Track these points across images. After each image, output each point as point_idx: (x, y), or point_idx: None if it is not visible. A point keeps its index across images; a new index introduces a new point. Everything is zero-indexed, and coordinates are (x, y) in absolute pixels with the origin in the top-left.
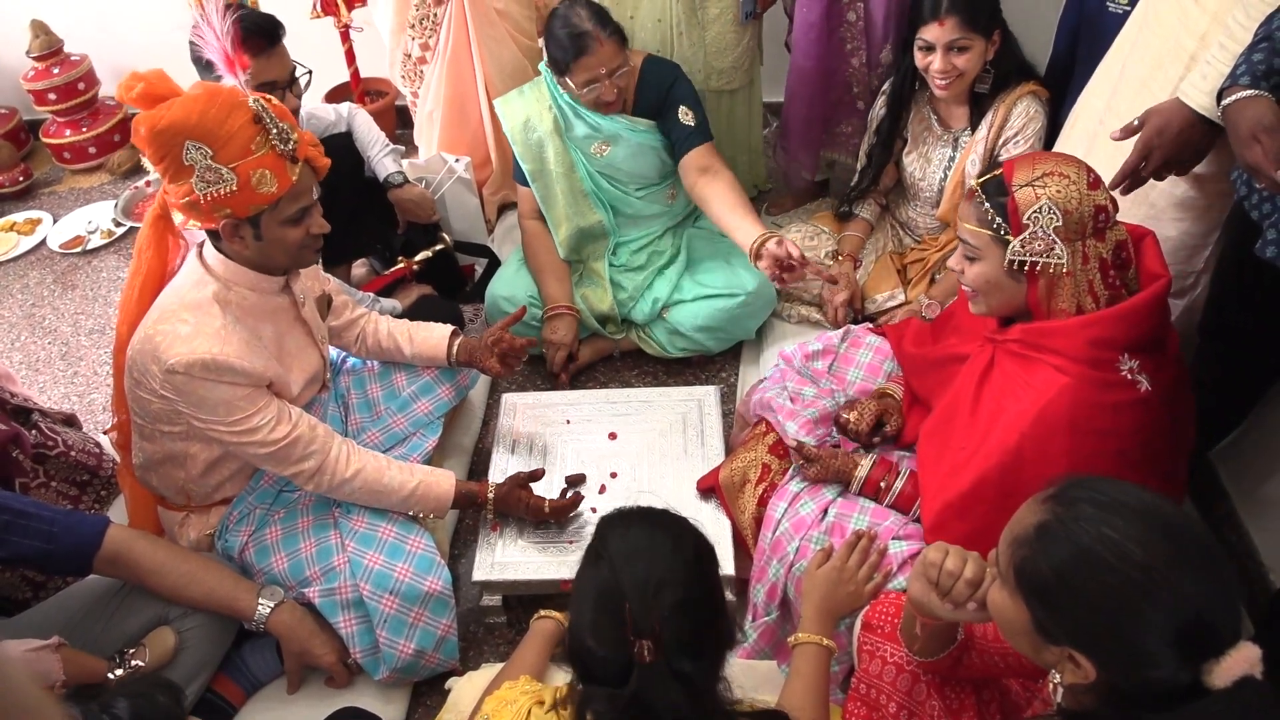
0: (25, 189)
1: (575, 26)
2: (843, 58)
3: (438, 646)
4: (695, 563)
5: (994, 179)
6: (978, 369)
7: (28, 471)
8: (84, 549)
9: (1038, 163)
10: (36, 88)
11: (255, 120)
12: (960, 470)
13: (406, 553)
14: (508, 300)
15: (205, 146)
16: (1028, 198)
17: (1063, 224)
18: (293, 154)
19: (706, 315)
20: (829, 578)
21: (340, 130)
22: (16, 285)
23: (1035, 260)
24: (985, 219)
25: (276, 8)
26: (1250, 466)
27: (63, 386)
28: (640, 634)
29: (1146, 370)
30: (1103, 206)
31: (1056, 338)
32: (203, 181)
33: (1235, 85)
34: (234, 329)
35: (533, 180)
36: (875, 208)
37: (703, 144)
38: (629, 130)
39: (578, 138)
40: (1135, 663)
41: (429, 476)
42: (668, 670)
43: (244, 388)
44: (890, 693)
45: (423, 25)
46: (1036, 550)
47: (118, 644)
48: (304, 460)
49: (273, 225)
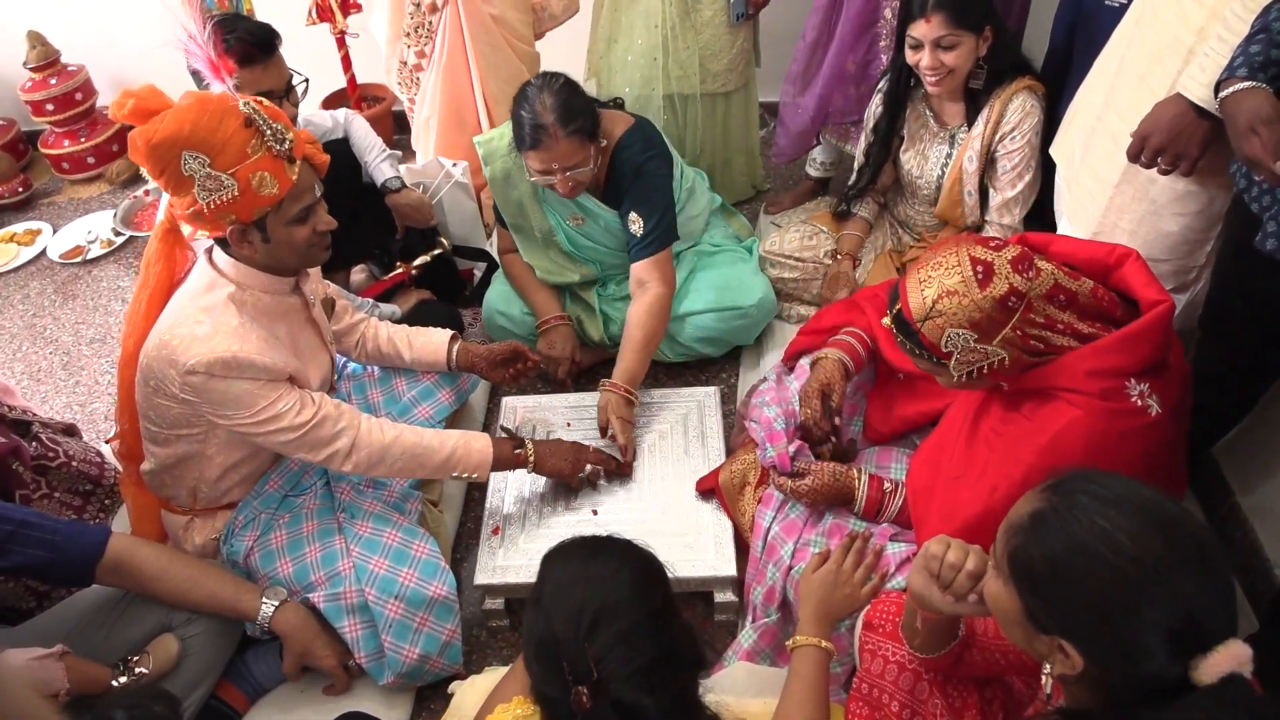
0: (25, 200)
1: (536, 117)
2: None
3: (442, 651)
4: (637, 589)
5: (898, 319)
6: (974, 399)
7: (28, 483)
8: (87, 557)
9: (924, 283)
10: (34, 99)
11: (248, 124)
12: (955, 503)
13: (411, 558)
14: (504, 315)
15: (202, 155)
16: (933, 330)
17: (978, 335)
18: (289, 154)
19: (706, 328)
20: (825, 580)
21: (337, 136)
22: (17, 296)
23: (980, 365)
24: (915, 355)
25: (272, 14)
26: (1254, 462)
27: (64, 396)
28: (578, 680)
29: (1156, 392)
30: (1004, 295)
31: (1060, 375)
32: (204, 190)
33: (1233, 77)
34: (251, 327)
35: (514, 231)
36: (873, 206)
37: (646, 258)
38: (600, 211)
39: (554, 203)
40: (1123, 655)
41: (463, 437)
42: (612, 702)
43: (264, 384)
44: (893, 692)
45: (418, 33)
46: (1030, 538)
47: (121, 651)
48: (336, 440)
49: (279, 226)
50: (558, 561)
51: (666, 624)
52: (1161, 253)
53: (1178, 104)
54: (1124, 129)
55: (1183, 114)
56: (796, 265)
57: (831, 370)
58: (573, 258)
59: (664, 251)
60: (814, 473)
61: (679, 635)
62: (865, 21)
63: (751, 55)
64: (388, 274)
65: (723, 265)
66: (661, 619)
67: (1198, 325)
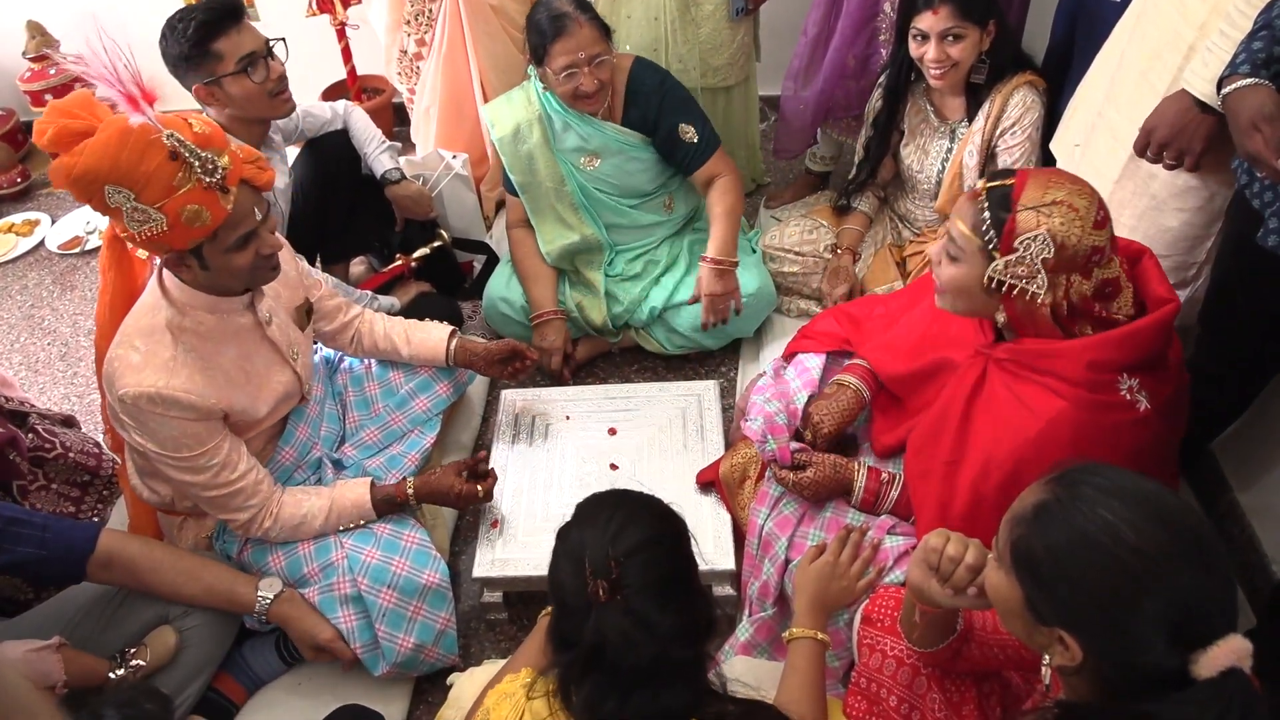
0: (23, 190)
1: (555, 9)
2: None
3: (437, 640)
4: (655, 519)
5: (1002, 189)
6: (968, 383)
7: (25, 474)
8: (77, 553)
9: (1051, 186)
10: (33, 89)
11: (173, 157)
12: (951, 488)
13: (402, 547)
14: (506, 301)
15: (126, 189)
16: (1028, 222)
17: (1053, 257)
18: (222, 184)
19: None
20: (821, 573)
21: (337, 128)
22: (15, 286)
23: (1014, 284)
24: (979, 226)
25: (273, 5)
26: (1252, 458)
27: (62, 387)
28: (596, 574)
29: (1147, 388)
30: (1099, 248)
31: (1056, 360)
32: (133, 221)
33: (1235, 74)
34: (185, 359)
35: (522, 192)
36: (873, 201)
37: (708, 157)
38: (617, 141)
39: (567, 150)
40: (1122, 647)
41: (338, 489)
42: (625, 607)
43: (194, 423)
44: (891, 686)
45: (418, 21)
46: (1033, 529)
47: (118, 644)
48: (240, 511)
49: (216, 254)
50: (592, 498)
51: (684, 557)
52: (1162, 248)
53: (1182, 99)
54: (1124, 124)
55: (1186, 109)
56: (796, 259)
57: (850, 401)
58: (580, 213)
59: (719, 149)
60: (815, 465)
61: (695, 576)
62: (865, 16)
63: (752, 49)
64: (387, 266)
65: None
66: (679, 550)
67: (1197, 321)
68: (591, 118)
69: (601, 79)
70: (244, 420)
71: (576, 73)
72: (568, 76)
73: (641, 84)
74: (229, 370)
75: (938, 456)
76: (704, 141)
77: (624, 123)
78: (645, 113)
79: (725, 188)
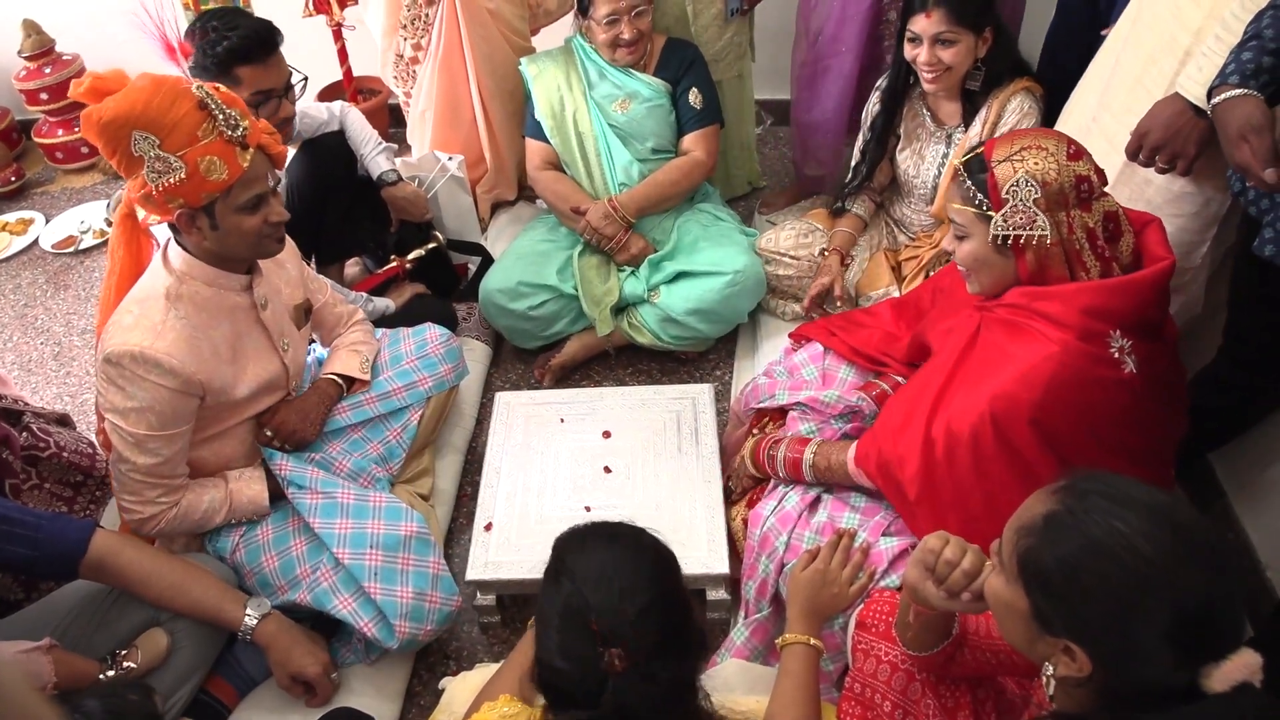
0: (18, 189)
1: None
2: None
3: (434, 584)
4: (657, 568)
5: (975, 157)
6: (962, 338)
7: (18, 473)
8: (69, 554)
9: (1017, 138)
10: (28, 87)
11: (200, 107)
12: (928, 434)
13: (372, 509)
14: (502, 292)
15: (152, 135)
16: (1006, 172)
17: (1042, 195)
18: (242, 140)
19: (696, 296)
20: (813, 580)
21: (333, 129)
22: (9, 285)
23: (1018, 234)
24: (968, 196)
25: (268, 7)
26: (1246, 464)
27: (55, 387)
28: (609, 644)
29: (1137, 354)
30: (1084, 176)
31: (1052, 301)
32: (153, 172)
33: (1224, 84)
34: (175, 324)
35: (551, 138)
36: (869, 204)
37: (699, 129)
38: (646, 87)
39: (600, 96)
40: (1132, 659)
41: (236, 480)
42: (643, 672)
43: (169, 393)
44: (885, 691)
45: (414, 25)
46: (1043, 540)
47: (109, 645)
48: (149, 505)
49: (228, 213)
50: (577, 541)
51: (682, 604)
52: None
53: (1176, 103)
54: (1119, 129)
55: (1181, 113)
56: (791, 262)
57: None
58: (602, 166)
59: (712, 127)
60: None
61: (690, 617)
62: (872, 21)
63: (747, 49)
64: (382, 268)
65: (713, 236)
66: (678, 599)
67: (1223, 334)
68: (627, 69)
69: (641, 29)
70: (221, 401)
71: (618, 19)
72: (610, 23)
73: (676, 49)
74: (217, 344)
75: (920, 405)
76: (705, 111)
77: (655, 74)
78: (675, 72)
79: (683, 163)
